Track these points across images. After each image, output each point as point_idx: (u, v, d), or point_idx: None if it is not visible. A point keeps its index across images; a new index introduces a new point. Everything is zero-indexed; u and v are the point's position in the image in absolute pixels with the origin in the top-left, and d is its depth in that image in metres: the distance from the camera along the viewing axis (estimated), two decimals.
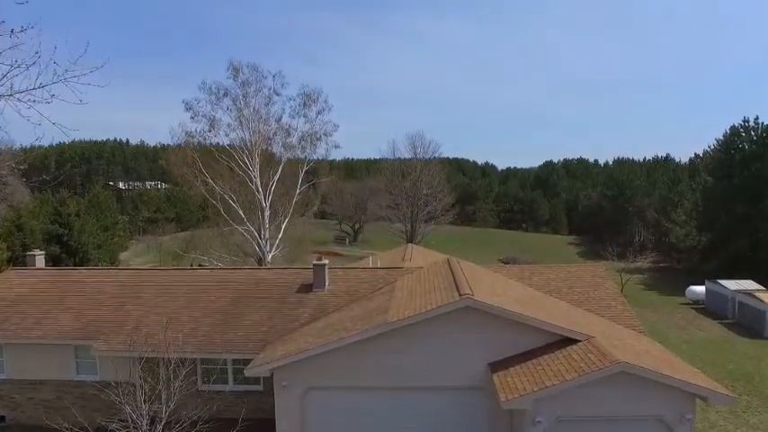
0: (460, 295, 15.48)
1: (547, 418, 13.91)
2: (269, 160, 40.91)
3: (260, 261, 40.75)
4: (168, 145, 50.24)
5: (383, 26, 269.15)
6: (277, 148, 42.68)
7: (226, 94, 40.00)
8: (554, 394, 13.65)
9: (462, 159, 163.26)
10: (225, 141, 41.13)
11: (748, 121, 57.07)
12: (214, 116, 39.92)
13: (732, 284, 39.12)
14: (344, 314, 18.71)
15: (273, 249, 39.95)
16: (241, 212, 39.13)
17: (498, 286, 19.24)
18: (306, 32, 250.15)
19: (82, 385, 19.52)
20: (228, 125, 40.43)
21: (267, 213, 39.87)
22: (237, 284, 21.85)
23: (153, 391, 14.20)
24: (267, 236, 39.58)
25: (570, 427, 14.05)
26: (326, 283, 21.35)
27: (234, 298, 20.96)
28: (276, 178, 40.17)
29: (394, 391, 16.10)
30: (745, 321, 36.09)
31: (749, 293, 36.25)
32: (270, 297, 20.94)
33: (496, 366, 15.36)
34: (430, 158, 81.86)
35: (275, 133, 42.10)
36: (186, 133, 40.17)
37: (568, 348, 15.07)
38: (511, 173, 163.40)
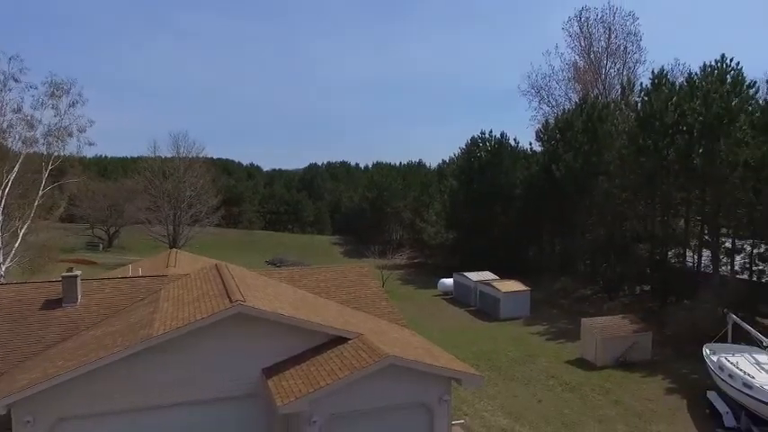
0: (232, 302, 15.08)
1: (322, 416, 14.27)
2: (3, 156, 35.31)
3: None
4: None
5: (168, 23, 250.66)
6: (14, 143, 37.10)
7: None
8: (329, 393, 14.03)
9: (228, 160, 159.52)
10: None
11: (485, 133, 65.43)
12: None
13: (474, 276, 44.37)
14: (102, 330, 16.94)
15: (9, 260, 34.56)
16: None
17: (270, 290, 19.14)
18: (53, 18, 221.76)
19: None
20: None
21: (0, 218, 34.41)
22: None
23: None
24: (1, 244, 34.11)
25: (344, 421, 14.62)
26: (79, 297, 19.07)
27: None
28: (12, 177, 34.83)
29: (165, 410, 15.01)
30: (484, 307, 41.24)
31: (487, 283, 41.51)
32: (3, 318, 18.01)
33: (271, 371, 15.27)
34: (194, 157, 78.36)
35: (11, 125, 36.57)
36: None
37: (340, 347, 15.63)
38: (276, 174, 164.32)
